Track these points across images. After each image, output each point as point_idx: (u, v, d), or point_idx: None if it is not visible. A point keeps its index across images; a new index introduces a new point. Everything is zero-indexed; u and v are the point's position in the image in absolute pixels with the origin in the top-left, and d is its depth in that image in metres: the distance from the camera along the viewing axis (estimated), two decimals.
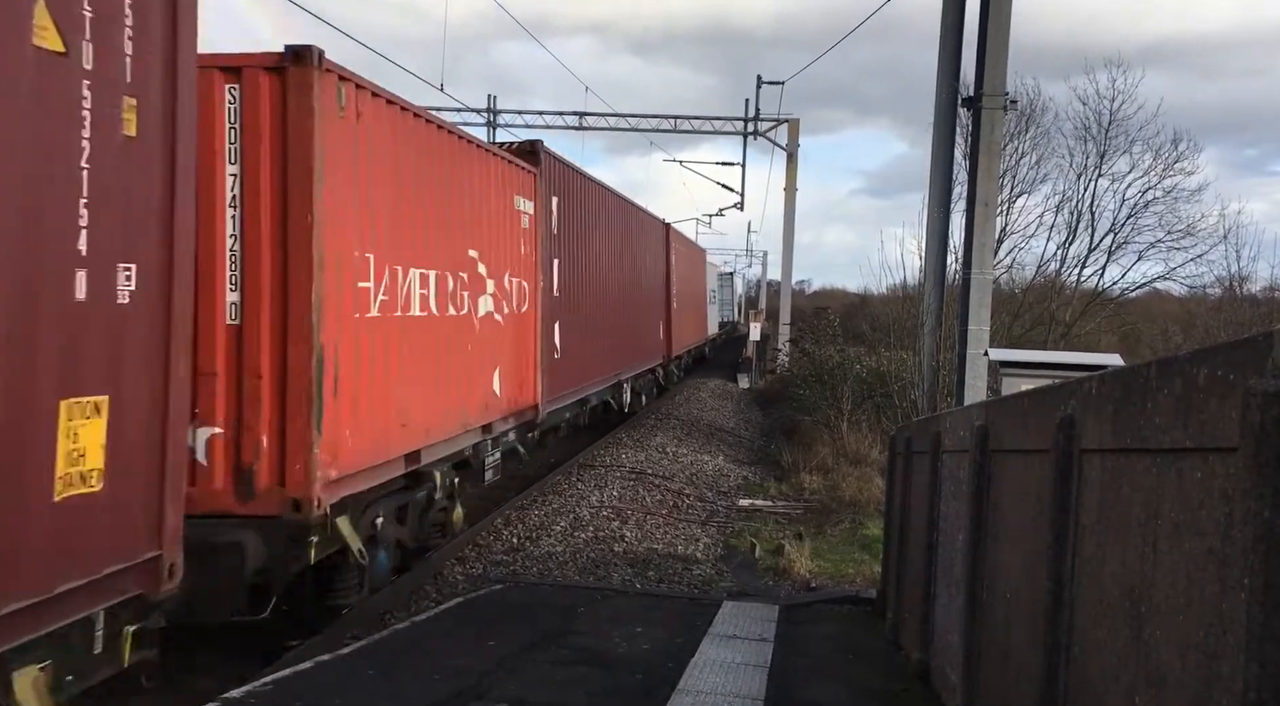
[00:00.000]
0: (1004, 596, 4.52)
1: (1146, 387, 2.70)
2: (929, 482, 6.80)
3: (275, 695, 5.65)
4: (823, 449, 19.22)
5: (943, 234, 13.45)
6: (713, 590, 10.69)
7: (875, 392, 21.53)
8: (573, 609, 8.56)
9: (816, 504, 15.76)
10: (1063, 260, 30.70)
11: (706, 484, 17.32)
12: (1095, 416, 3.22)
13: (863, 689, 6.73)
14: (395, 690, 5.88)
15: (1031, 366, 10.78)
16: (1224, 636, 2.14)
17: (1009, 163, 27.99)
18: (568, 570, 11.12)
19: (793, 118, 37.57)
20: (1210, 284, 31.21)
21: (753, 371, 37.80)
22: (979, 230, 12.46)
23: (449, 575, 10.68)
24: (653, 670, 6.74)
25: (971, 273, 12.41)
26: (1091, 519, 3.26)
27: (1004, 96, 12.20)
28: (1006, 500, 4.65)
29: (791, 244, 38.69)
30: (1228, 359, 2.23)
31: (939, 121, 13.05)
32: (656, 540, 12.82)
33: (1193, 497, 2.41)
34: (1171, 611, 2.50)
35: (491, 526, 12.58)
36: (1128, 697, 2.78)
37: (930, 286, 13.46)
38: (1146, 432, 2.70)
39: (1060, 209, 30.18)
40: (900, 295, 27.03)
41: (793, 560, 11.77)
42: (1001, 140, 14.33)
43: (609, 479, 16.29)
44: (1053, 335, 27.93)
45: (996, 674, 4.62)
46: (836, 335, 28.36)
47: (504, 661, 6.68)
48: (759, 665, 7.09)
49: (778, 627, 8.38)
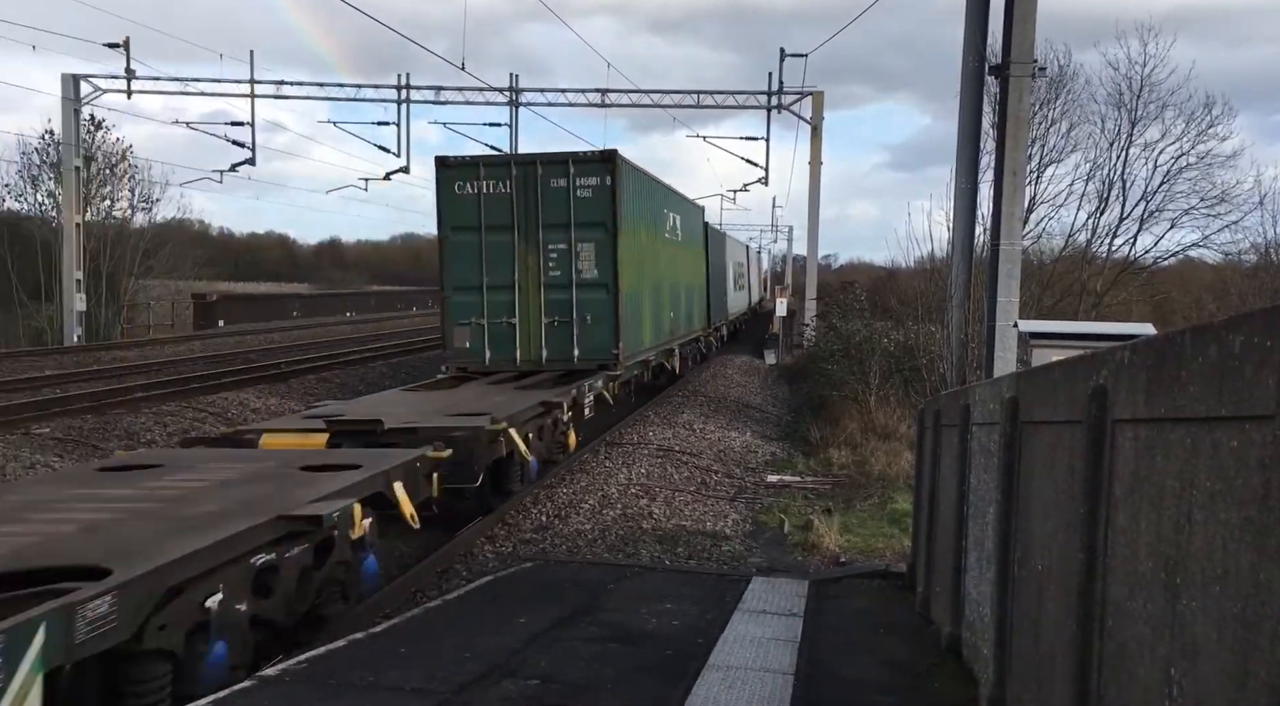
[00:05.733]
0: (1036, 569, 4.48)
1: (1180, 356, 2.65)
2: (958, 455, 6.74)
3: (309, 672, 5.72)
4: (850, 424, 19.15)
5: (970, 205, 13.29)
6: (742, 566, 10.70)
7: (903, 367, 21.40)
8: (602, 586, 8.60)
9: (845, 479, 15.71)
10: (1093, 230, 30.33)
11: (734, 460, 17.31)
12: (1128, 386, 3.17)
13: (893, 662, 6.72)
14: (427, 667, 5.93)
15: (1062, 337, 10.67)
16: (1262, 606, 2.10)
17: (1038, 131, 27.62)
18: (597, 548, 11.17)
19: (816, 90, 37.21)
20: (1245, 250, 30.70)
21: (779, 347, 37.66)
22: (1007, 200, 12.29)
23: (479, 554, 10.77)
24: (683, 645, 6.76)
25: (1000, 244, 12.26)
26: (1125, 490, 3.21)
27: (1032, 63, 12.00)
28: (1038, 472, 4.59)
29: (817, 218, 38.44)
30: (1265, 325, 2.17)
31: (966, 90, 12.85)
32: (685, 517, 12.83)
33: (1229, 466, 2.36)
34: (1207, 582, 2.46)
35: (520, 505, 12.65)
36: (1163, 669, 2.75)
37: (958, 258, 13.31)
38: (1181, 401, 2.65)
39: (1091, 177, 29.77)
40: (927, 268, 26.79)
41: (822, 535, 11.75)
42: (1030, 108, 14.10)
43: (636, 456, 16.31)
44: (1083, 306, 27.62)
45: (1029, 646, 4.59)
46: (863, 309, 28.18)
47: (534, 638, 6.72)
48: (789, 639, 7.09)
49: (807, 602, 8.38)
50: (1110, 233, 30.29)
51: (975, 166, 13.32)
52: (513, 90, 37.38)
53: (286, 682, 5.55)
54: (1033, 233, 27.76)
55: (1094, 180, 29.65)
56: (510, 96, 37.23)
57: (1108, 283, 29.75)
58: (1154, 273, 32.10)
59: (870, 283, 44.83)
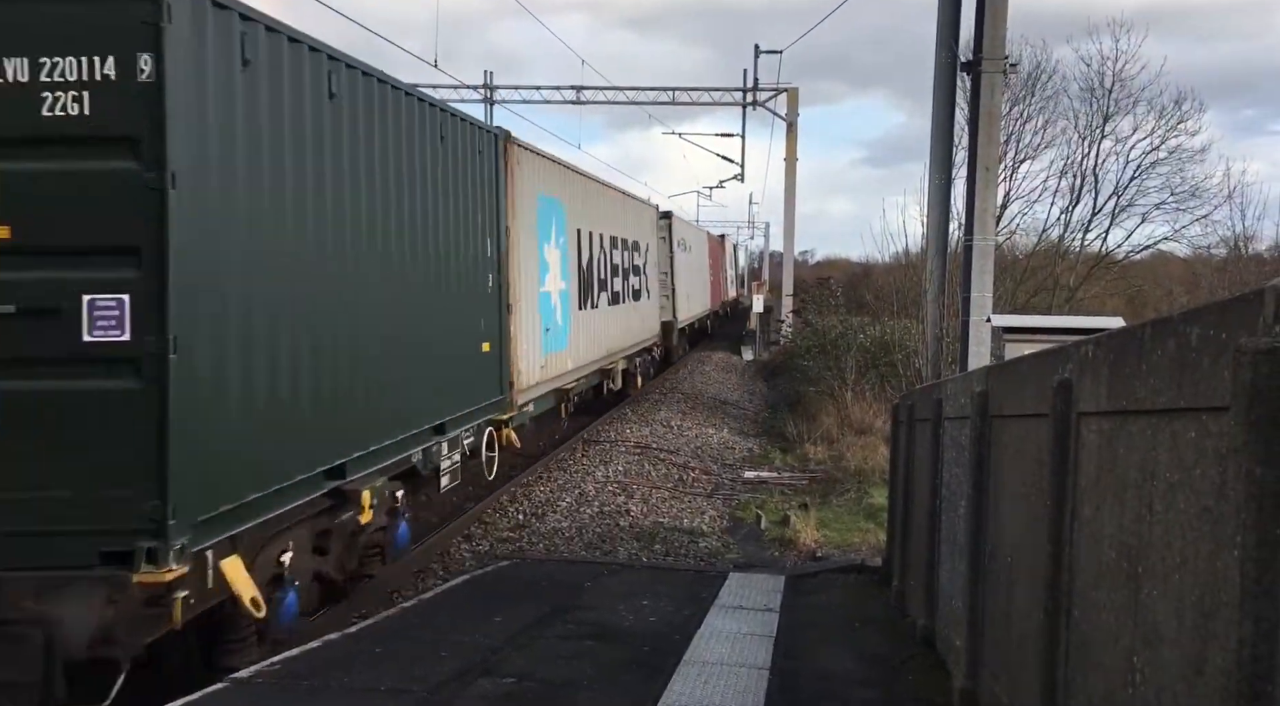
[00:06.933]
0: (1005, 561, 4.52)
1: (1141, 349, 2.68)
2: (931, 450, 6.80)
3: (282, 674, 5.70)
4: (827, 419, 19.23)
5: (944, 201, 13.35)
6: (719, 562, 10.74)
7: (879, 362, 21.49)
8: (579, 584, 8.61)
9: (822, 474, 15.78)
10: (1066, 224, 30.52)
11: (712, 457, 17.35)
12: (1092, 379, 3.21)
13: (869, 655, 6.77)
14: (402, 667, 5.91)
15: (1034, 331, 10.74)
16: (1218, 594, 2.13)
17: (1012, 127, 27.79)
18: (574, 545, 11.17)
19: (791, 87, 37.34)
20: (1215, 244, 31.05)
21: (756, 343, 37.75)
22: (980, 196, 12.35)
23: (455, 553, 10.74)
24: (660, 642, 6.78)
25: (974, 239, 12.32)
26: (1089, 481, 3.25)
27: (1004, 59, 12.06)
28: (1007, 465, 4.64)
29: (793, 214, 38.53)
30: (1220, 317, 2.21)
31: (939, 86, 12.91)
32: (662, 514, 12.86)
33: (1187, 457, 2.40)
34: (1167, 571, 2.50)
35: (497, 503, 12.63)
36: (1126, 657, 2.79)
37: (933, 253, 13.38)
38: (1141, 394, 2.69)
39: (1064, 172, 29.98)
40: (903, 263, 26.93)
41: (798, 530, 11.81)
42: (1002, 104, 14.20)
43: (614, 454, 16.32)
44: (1057, 300, 27.82)
45: (999, 637, 4.64)
46: (840, 305, 28.27)
47: (511, 637, 6.72)
48: (765, 635, 7.12)
49: (784, 598, 8.42)
50: (1083, 227, 30.53)
51: (949, 162, 13.39)
52: (488, 87, 37.27)
53: (259, 685, 5.52)
54: (1007, 228, 27.93)
55: (1067, 175, 29.90)
56: (485, 94, 37.11)
57: (1081, 277, 29.98)
58: (1126, 266, 32.39)
59: (847, 278, 45.02)
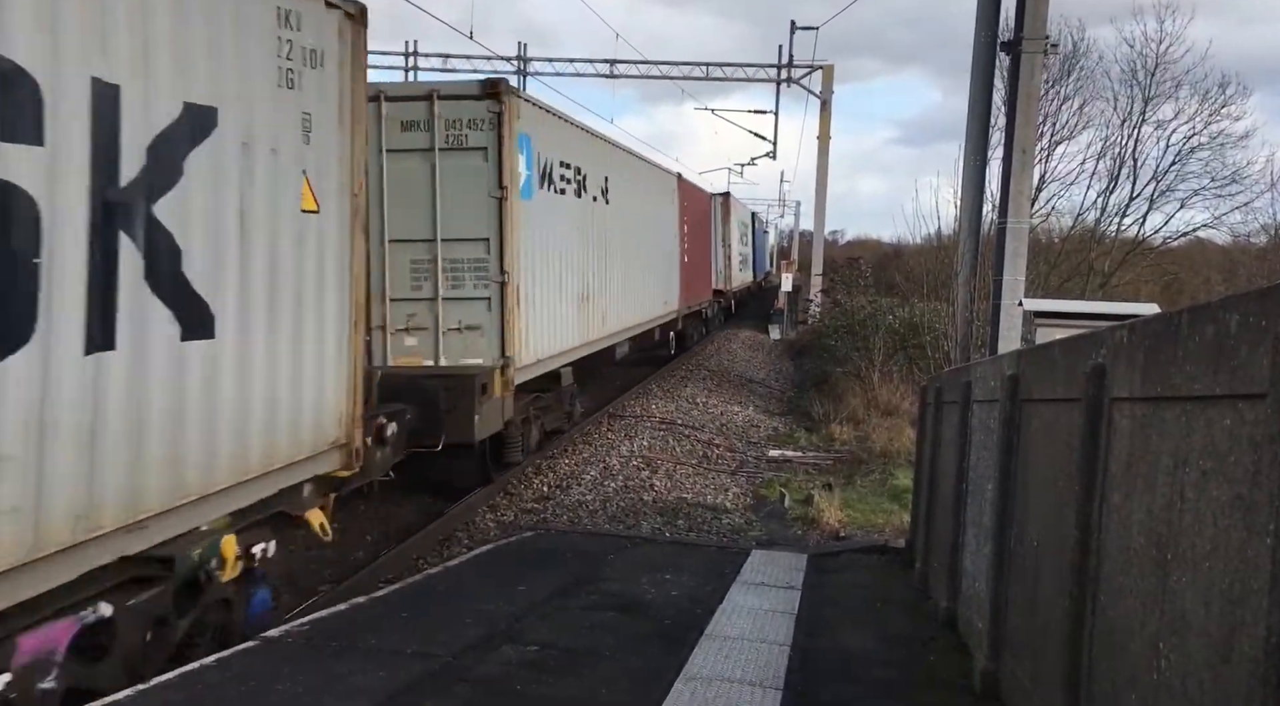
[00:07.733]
0: (1032, 545, 4.52)
1: (1177, 335, 2.66)
2: (959, 432, 6.77)
3: (312, 634, 5.80)
4: (854, 400, 19.18)
5: (979, 182, 13.23)
6: (742, 539, 10.77)
7: (907, 343, 21.38)
8: (602, 556, 8.67)
9: (847, 454, 15.77)
10: (1103, 209, 30.05)
11: (736, 434, 17.36)
12: (1126, 365, 3.19)
13: (890, 636, 6.78)
14: (428, 632, 6.00)
15: (1066, 316, 10.62)
16: (1248, 582, 2.13)
17: (1049, 108, 27.34)
18: (598, 518, 11.24)
19: (826, 64, 36.96)
20: (1255, 231, 30.52)
21: (784, 322, 37.62)
22: (1016, 178, 12.22)
23: (480, 523, 10.85)
24: (682, 616, 6.83)
25: (1008, 221, 12.21)
26: (1120, 467, 3.24)
27: (1044, 40, 11.89)
28: (1036, 449, 4.62)
29: (824, 193, 38.22)
30: (1260, 305, 2.19)
31: (977, 66, 12.76)
32: (686, 489, 12.90)
33: (1221, 445, 2.39)
34: (1197, 558, 2.49)
35: (522, 474, 12.72)
36: (1152, 645, 2.79)
37: (965, 235, 13.27)
38: (1177, 380, 2.67)
39: (1102, 156, 29.48)
40: (934, 245, 26.67)
41: (822, 510, 11.81)
42: (1041, 85, 13.99)
43: (639, 429, 16.38)
44: (1090, 285, 27.48)
45: (1023, 620, 4.64)
46: (869, 285, 28.11)
47: (534, 606, 6.79)
48: (787, 612, 7.15)
49: (806, 576, 8.44)
50: (1120, 212, 30.07)
51: (985, 143, 13.25)
52: (521, 59, 37.19)
53: (289, 643, 5.63)
54: (1041, 211, 27.56)
55: (1105, 158, 29.41)
56: (518, 65, 37.04)
57: (1116, 262, 29.57)
58: (1162, 253, 31.89)
59: (877, 259, 44.73)
